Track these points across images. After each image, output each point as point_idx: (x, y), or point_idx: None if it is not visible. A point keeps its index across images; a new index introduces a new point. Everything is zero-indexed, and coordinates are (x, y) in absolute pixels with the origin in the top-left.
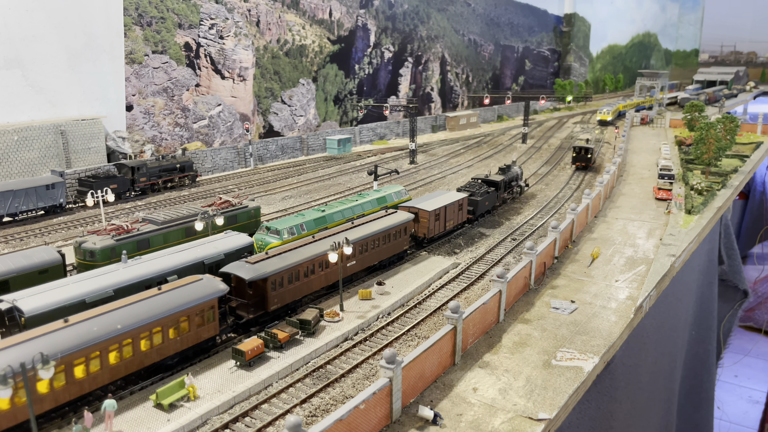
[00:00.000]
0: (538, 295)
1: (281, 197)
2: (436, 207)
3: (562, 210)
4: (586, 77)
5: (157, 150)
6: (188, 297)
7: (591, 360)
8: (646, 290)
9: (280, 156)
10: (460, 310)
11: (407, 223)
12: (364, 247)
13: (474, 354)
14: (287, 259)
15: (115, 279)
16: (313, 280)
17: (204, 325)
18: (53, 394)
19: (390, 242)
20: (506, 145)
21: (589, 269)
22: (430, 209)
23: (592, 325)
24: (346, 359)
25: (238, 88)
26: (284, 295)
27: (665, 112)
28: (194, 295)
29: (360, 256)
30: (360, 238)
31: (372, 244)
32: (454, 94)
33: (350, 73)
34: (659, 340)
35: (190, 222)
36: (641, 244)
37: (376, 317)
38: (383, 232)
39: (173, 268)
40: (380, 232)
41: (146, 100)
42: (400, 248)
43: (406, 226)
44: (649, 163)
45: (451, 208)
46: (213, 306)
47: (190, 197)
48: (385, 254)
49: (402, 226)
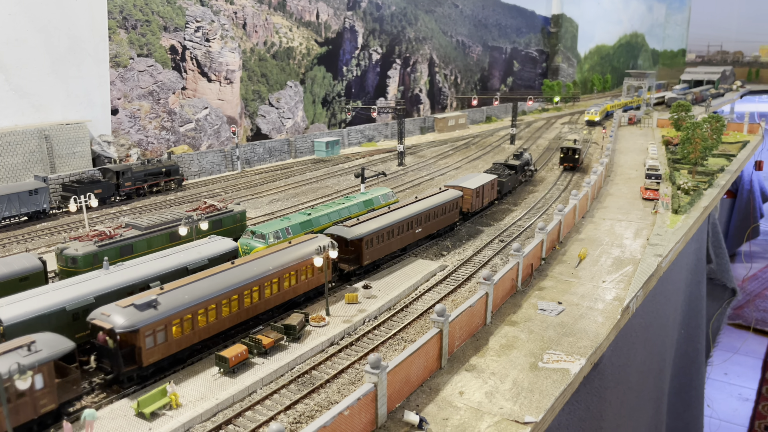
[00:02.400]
0: (526, 296)
1: (268, 201)
2: (478, 185)
3: (550, 211)
4: (574, 78)
5: (143, 154)
6: (309, 250)
7: (578, 362)
8: (633, 291)
9: (268, 159)
10: (446, 314)
11: (458, 199)
12: (427, 217)
13: (461, 357)
14: (377, 222)
15: (97, 286)
16: (393, 242)
17: (321, 273)
18: (238, 313)
19: (445, 214)
20: (495, 146)
21: (576, 270)
22: (473, 187)
23: (579, 326)
24: (332, 364)
25: (224, 91)
26: (374, 253)
27: (652, 112)
28: (313, 249)
29: (425, 224)
30: (424, 209)
31: (433, 216)
32: (443, 96)
33: (338, 75)
34: (648, 339)
35: (174, 227)
36: (628, 245)
37: (362, 321)
38: (441, 206)
39: (156, 274)
40: (438, 205)
41: (132, 103)
42: (452, 220)
43: (457, 201)
44: (637, 163)
45: (487, 187)
46: (326, 257)
47: (175, 201)
48: (442, 224)
49: (454, 201)
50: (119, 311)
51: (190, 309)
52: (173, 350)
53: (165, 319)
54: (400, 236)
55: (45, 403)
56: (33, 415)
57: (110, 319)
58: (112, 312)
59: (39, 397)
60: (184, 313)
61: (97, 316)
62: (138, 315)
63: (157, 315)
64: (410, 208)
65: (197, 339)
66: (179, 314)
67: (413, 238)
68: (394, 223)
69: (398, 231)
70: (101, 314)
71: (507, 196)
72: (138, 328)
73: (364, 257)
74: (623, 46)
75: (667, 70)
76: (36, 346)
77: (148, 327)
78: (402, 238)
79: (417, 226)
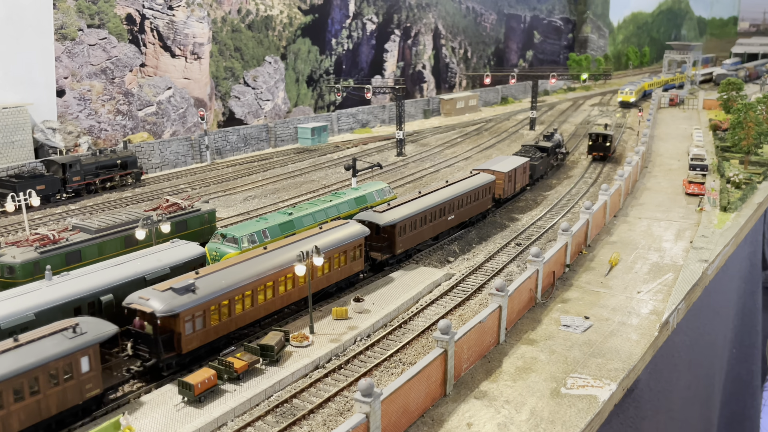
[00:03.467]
0: (546, 310)
1: (243, 198)
2: (510, 169)
3: (575, 209)
4: (606, 51)
5: (95, 143)
6: (344, 235)
7: (607, 387)
8: (673, 302)
9: (243, 148)
10: (451, 331)
11: (491, 183)
12: (460, 203)
13: (469, 382)
14: (408, 208)
15: (37, 300)
16: (425, 230)
17: (355, 260)
18: (273, 301)
19: (478, 200)
20: (512, 132)
21: (606, 279)
22: (505, 170)
23: (609, 345)
24: (317, 391)
25: (191, 68)
26: (407, 241)
27: (698, 91)
28: (348, 235)
29: (457, 211)
30: (457, 194)
31: (465, 202)
32: (450, 73)
33: (326, 49)
34: (693, 360)
35: (131, 230)
36: (668, 248)
37: (352, 340)
38: (473, 191)
39: (108, 286)
40: (471, 190)
41: (81, 83)
42: (484, 207)
43: (489, 186)
44: (679, 152)
45: (519, 170)
46: (361, 245)
47: (132, 199)
48: (474, 211)
49: (487, 186)
50: (158, 295)
51: (227, 295)
52: (211, 338)
53: (203, 305)
54: (432, 223)
55: (90, 387)
56: (78, 400)
57: (150, 303)
58: (151, 296)
59: (85, 381)
60: (221, 298)
61: (135, 300)
62: (178, 299)
63: (196, 300)
64: (442, 193)
65: (234, 327)
66: (217, 300)
67: (446, 225)
68: (427, 209)
69: (431, 218)
70: (139, 298)
71: (539, 182)
72: (178, 313)
73: (397, 245)
74: (664, 13)
75: (716, 41)
76: (81, 328)
77: (187, 312)
78: (434, 225)
79: (449, 213)
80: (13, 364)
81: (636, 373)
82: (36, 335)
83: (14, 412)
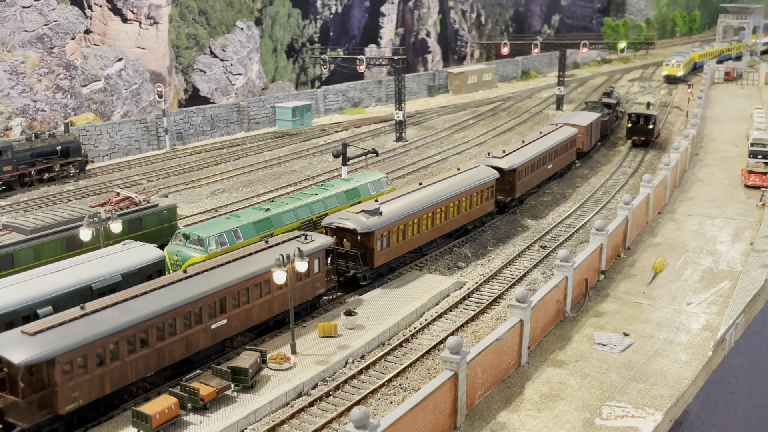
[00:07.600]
0: (577, 326)
1: (209, 192)
2: (587, 123)
3: (612, 204)
4: (648, 15)
5: (30, 126)
6: (479, 177)
7: (651, 417)
8: (730, 317)
9: (209, 132)
10: (463, 350)
11: (574, 137)
12: (555, 153)
13: (484, 412)
14: (525, 154)
15: None
16: (534, 176)
17: (488, 200)
18: (432, 230)
19: (566, 153)
20: (534, 113)
21: (649, 288)
22: (584, 124)
23: (653, 367)
24: (300, 424)
25: (147, 36)
26: (523, 185)
27: (759, 63)
28: (479, 177)
29: (554, 160)
30: (554, 145)
31: (558, 152)
32: (460, 42)
33: (310, 13)
34: (754, 386)
35: (74, 229)
36: (724, 251)
37: (343, 362)
38: (563, 143)
39: (47, 296)
40: (561, 142)
41: (13, 53)
42: (570, 159)
43: (573, 139)
44: (737, 136)
45: (594, 125)
46: (492, 186)
47: (76, 193)
48: (563, 163)
49: (572, 139)
50: (354, 216)
51: (403, 220)
52: (392, 256)
53: (389, 225)
54: (539, 170)
55: (319, 286)
56: (311, 296)
57: (349, 222)
58: (349, 216)
59: (316, 280)
60: (399, 222)
61: (335, 220)
62: (372, 219)
63: (384, 221)
64: (542, 142)
65: (407, 249)
66: (397, 223)
67: (546, 174)
68: (538, 155)
69: (539, 164)
70: (339, 218)
71: (606, 139)
72: (373, 231)
73: (517, 189)
74: None
75: None
76: (309, 237)
77: (379, 230)
78: (540, 172)
79: (549, 162)
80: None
81: (686, 402)
82: (279, 240)
83: (276, 298)
